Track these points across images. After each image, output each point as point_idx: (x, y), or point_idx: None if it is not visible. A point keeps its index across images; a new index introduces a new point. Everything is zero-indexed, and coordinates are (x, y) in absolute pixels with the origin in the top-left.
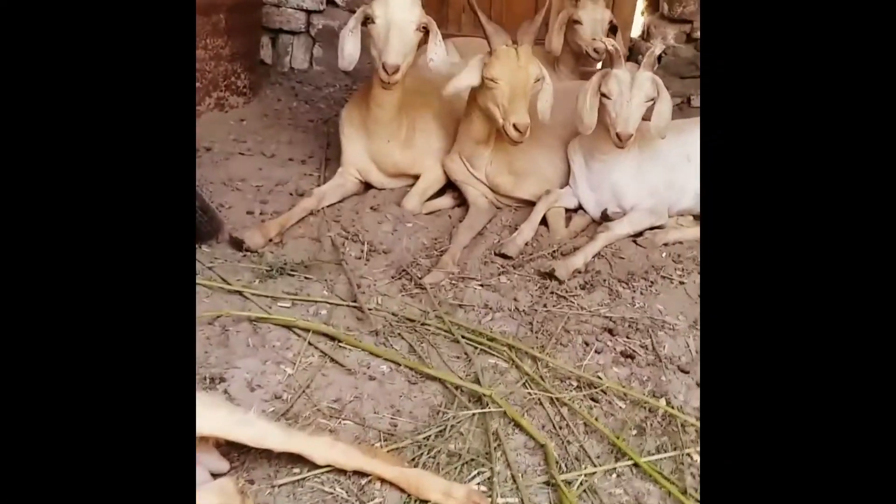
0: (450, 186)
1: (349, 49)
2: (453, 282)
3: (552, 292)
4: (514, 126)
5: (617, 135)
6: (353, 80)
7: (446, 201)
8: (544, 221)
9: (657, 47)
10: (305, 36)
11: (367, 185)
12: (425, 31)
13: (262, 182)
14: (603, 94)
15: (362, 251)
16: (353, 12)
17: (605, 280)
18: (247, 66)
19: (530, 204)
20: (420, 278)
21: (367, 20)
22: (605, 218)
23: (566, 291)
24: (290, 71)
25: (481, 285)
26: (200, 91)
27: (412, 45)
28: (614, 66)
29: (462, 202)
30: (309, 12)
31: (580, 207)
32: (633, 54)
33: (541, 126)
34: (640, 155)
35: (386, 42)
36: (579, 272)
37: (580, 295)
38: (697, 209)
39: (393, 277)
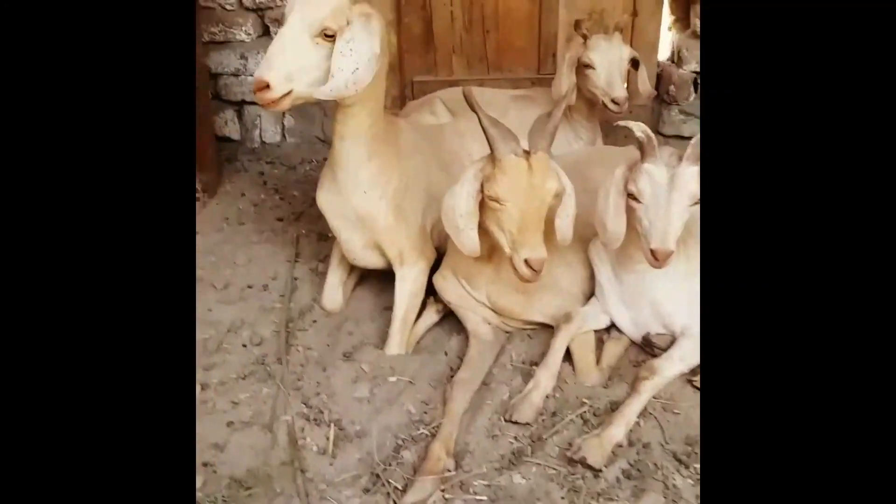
0: (431, 291)
1: None
2: (447, 496)
3: (588, 497)
4: (527, 262)
5: (651, 251)
6: None
7: (431, 317)
8: (567, 355)
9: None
10: None
11: None
12: (331, 38)
13: (210, 332)
14: (631, 196)
15: (327, 439)
16: None
17: (656, 464)
18: (198, 167)
19: (546, 326)
20: (402, 491)
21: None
22: (648, 344)
23: (603, 492)
24: (262, 146)
25: (488, 487)
26: None
27: (304, 57)
28: (646, 159)
29: (449, 311)
30: None
31: (612, 325)
32: (663, 83)
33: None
34: (688, 259)
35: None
36: (620, 446)
37: (622, 500)
38: None
39: (366, 491)
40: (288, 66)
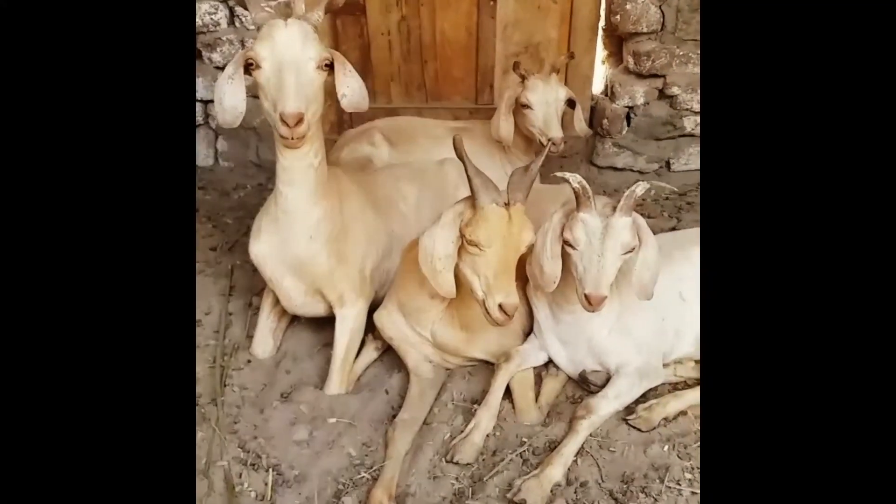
0: (370, 328)
1: (230, 100)
2: None
3: None
4: (501, 307)
5: (585, 296)
6: (268, 178)
7: (370, 355)
8: (507, 393)
9: (639, 187)
10: (206, 128)
11: None
12: (330, 68)
13: None
14: (566, 242)
15: (266, 485)
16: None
17: (594, 502)
18: None
19: (486, 363)
20: None
21: (250, 66)
22: (584, 381)
23: None
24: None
25: None
26: None
27: (316, 88)
28: (581, 208)
29: (388, 348)
30: (206, 102)
31: (550, 361)
32: (596, 117)
33: None
34: (621, 301)
35: (280, 88)
36: (559, 486)
37: None
38: (698, 354)
39: None
40: (307, 98)
